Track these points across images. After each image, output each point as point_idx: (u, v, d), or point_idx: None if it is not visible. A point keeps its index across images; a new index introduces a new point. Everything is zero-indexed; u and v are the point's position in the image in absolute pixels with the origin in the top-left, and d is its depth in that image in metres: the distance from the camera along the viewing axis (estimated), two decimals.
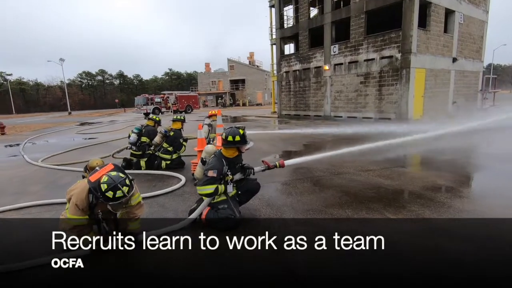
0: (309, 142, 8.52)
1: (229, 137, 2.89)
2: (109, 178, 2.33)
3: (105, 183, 2.30)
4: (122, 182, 2.33)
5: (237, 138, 2.91)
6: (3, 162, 7.39)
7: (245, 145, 2.99)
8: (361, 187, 4.13)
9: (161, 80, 72.64)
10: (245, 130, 3.00)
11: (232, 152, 2.96)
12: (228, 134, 2.92)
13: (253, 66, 45.20)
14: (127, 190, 2.35)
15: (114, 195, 2.29)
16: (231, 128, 2.97)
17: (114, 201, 2.32)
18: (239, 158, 3.08)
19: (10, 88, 55.46)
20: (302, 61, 16.03)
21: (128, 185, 2.36)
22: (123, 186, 2.32)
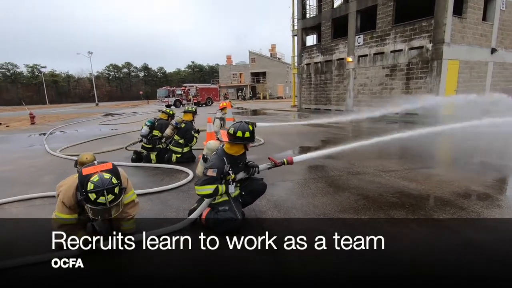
0: (328, 138, 8.09)
1: (239, 133, 2.61)
2: (100, 179, 2.15)
3: (93, 183, 2.13)
4: (110, 190, 2.15)
5: (247, 135, 2.63)
6: (25, 151, 7.62)
7: (252, 142, 2.72)
8: (381, 190, 3.74)
9: (184, 72, 73.64)
10: (254, 126, 2.72)
11: (238, 149, 2.69)
12: (237, 129, 2.63)
13: (275, 59, 44.48)
14: (111, 199, 2.15)
15: (95, 199, 2.11)
16: (240, 123, 2.68)
17: (93, 205, 2.14)
18: (243, 156, 2.81)
19: (44, 80, 58.63)
20: (324, 52, 15.38)
21: (115, 194, 2.17)
22: (108, 193, 2.14)
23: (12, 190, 4.11)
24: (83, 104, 48.89)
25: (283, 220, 2.87)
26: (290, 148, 6.74)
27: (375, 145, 5.34)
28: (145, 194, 3.77)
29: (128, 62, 70.48)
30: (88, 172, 2.18)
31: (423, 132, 4.85)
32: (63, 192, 2.25)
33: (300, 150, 6.58)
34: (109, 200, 2.16)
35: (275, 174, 4.51)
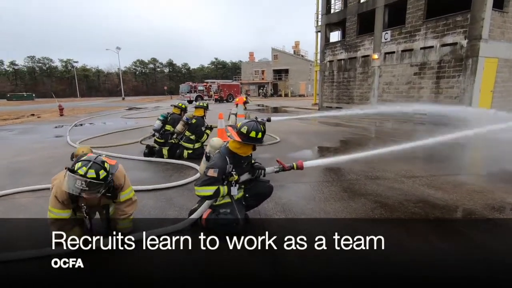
0: (347, 138, 7.70)
1: (252, 133, 2.39)
2: (95, 156, 2.13)
3: (88, 156, 2.11)
4: (96, 166, 2.04)
5: (259, 135, 2.42)
6: (48, 141, 7.89)
7: (259, 144, 2.51)
8: (402, 198, 3.40)
9: (207, 69, 74.56)
10: (264, 125, 2.51)
11: (247, 149, 2.49)
12: (251, 129, 2.40)
13: (298, 56, 43.77)
14: (91, 176, 2.01)
15: (77, 169, 2.03)
16: (253, 122, 2.46)
17: (71, 172, 2.03)
18: (248, 156, 2.60)
19: (76, 74, 61.61)
20: (348, 49, 14.78)
21: (97, 174, 2.04)
22: (92, 168, 2.02)
23: (26, 180, 4.18)
24: (111, 98, 50.88)
25: (284, 220, 2.66)
26: (307, 147, 6.45)
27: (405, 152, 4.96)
28: (150, 191, 3.68)
29: (154, 58, 72.43)
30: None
31: (453, 136, 4.38)
32: (56, 186, 2.17)
33: (318, 150, 6.28)
34: (88, 176, 2.02)
35: (286, 175, 4.27)
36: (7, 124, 12.89)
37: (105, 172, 2.09)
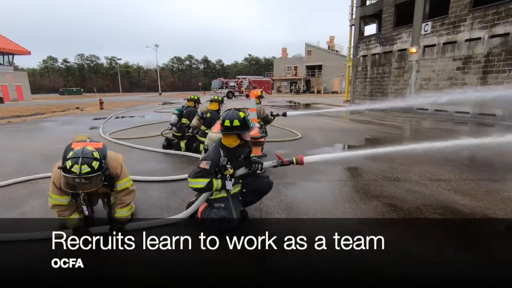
0: (374, 136, 7.25)
1: (226, 121, 2.35)
2: (81, 149, 2.10)
3: (74, 151, 2.09)
4: (87, 160, 2.05)
5: (236, 123, 2.34)
6: (82, 132, 8.45)
7: (247, 132, 2.41)
8: (421, 202, 3.08)
9: (241, 65, 75.25)
10: (247, 113, 2.41)
11: (231, 140, 2.42)
12: (225, 118, 2.38)
13: (332, 51, 42.36)
14: (86, 171, 2.04)
15: (70, 168, 2.02)
16: (229, 111, 2.42)
17: (67, 173, 2.05)
18: (243, 149, 2.51)
19: (119, 70, 65.68)
20: (383, 43, 13.93)
21: (91, 167, 2.06)
22: (84, 164, 2.04)
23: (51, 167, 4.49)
24: (149, 93, 53.56)
25: (285, 220, 2.53)
26: (329, 145, 6.18)
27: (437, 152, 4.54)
28: (159, 182, 3.75)
29: (190, 55, 74.67)
30: (76, 147, 2.14)
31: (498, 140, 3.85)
32: (54, 172, 2.26)
33: (341, 149, 5.98)
34: (83, 172, 2.05)
35: (300, 171, 4.12)
36: (54, 116, 14.10)
37: (98, 161, 2.11)
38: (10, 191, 3.55)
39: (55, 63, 67.62)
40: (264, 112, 5.10)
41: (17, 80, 31.56)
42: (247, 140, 2.45)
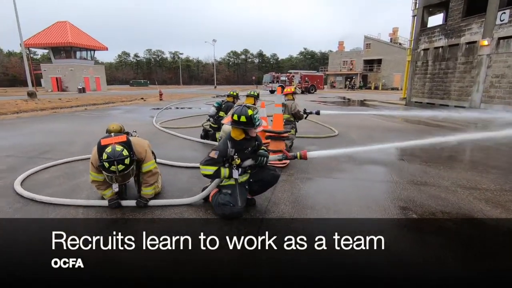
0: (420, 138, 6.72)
1: (235, 116, 2.59)
2: (112, 151, 2.52)
3: (107, 153, 2.51)
4: (120, 161, 2.49)
5: (242, 119, 2.55)
6: (140, 120, 9.53)
7: (252, 129, 2.59)
8: (440, 209, 2.90)
9: (296, 59, 74.33)
10: (255, 112, 2.58)
11: (238, 133, 2.64)
12: (234, 112, 2.61)
13: (394, 44, 39.18)
14: (121, 168, 2.51)
15: (108, 167, 2.49)
16: (240, 106, 2.64)
17: (107, 172, 2.52)
18: (250, 142, 2.70)
19: (180, 64, 70.51)
20: (449, 35, 12.52)
21: (125, 164, 2.51)
22: (118, 164, 2.49)
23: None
24: (205, 86, 56.54)
25: (285, 220, 2.67)
26: (362, 143, 5.97)
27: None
28: (186, 168, 4.17)
29: (246, 49, 76.34)
30: (105, 143, 2.58)
31: None
32: (92, 155, 2.74)
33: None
34: (120, 169, 2.52)
35: (323, 168, 4.17)
36: (122, 105, 16.00)
37: (129, 157, 2.56)
38: (72, 166, 4.31)
39: (127, 57, 75.45)
40: (295, 108, 5.17)
41: (97, 72, 36.22)
42: (252, 136, 2.64)
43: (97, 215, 2.78)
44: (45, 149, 5.34)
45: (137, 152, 2.79)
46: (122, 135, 2.69)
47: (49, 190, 3.40)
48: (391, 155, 5.06)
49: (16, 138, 6.52)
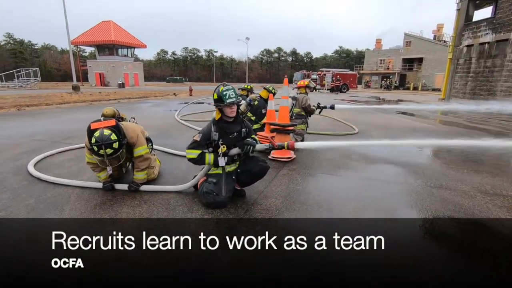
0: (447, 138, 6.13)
1: (214, 95, 2.53)
2: (100, 135, 2.55)
3: (95, 137, 2.55)
4: (108, 145, 2.53)
5: (215, 96, 2.51)
6: (164, 113, 9.86)
7: (226, 107, 2.48)
8: (448, 214, 2.58)
9: (330, 58, 72.49)
10: (228, 87, 2.48)
11: (216, 113, 2.59)
12: (214, 92, 2.55)
13: (438, 42, 36.46)
14: (110, 152, 2.54)
15: (97, 151, 2.54)
16: (217, 87, 2.56)
17: (96, 155, 2.57)
18: (235, 126, 2.61)
19: (215, 62, 72.14)
20: (497, 29, 11.32)
21: (113, 148, 2.54)
22: (107, 148, 2.52)
23: None
24: (238, 83, 57.21)
25: (285, 220, 2.54)
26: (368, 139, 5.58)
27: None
28: None
29: (280, 47, 75.92)
30: (94, 127, 2.63)
31: None
32: (86, 139, 2.82)
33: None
34: (108, 153, 2.56)
35: (330, 165, 3.97)
36: (153, 99, 16.74)
37: (117, 142, 2.59)
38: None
39: (165, 55, 78.84)
40: (306, 101, 4.97)
41: (135, 69, 38.26)
42: (230, 115, 2.53)
43: (89, 196, 2.87)
44: (69, 135, 5.69)
45: (129, 137, 2.83)
46: (111, 120, 2.73)
47: (58, 171, 3.59)
48: (410, 155, 4.66)
49: (49, 125, 7.05)
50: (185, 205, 2.68)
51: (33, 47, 64.86)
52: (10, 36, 60.44)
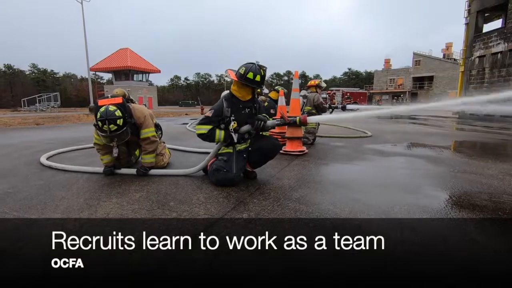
0: (464, 140, 5.88)
1: (250, 74, 2.41)
2: (105, 110, 2.53)
3: (100, 113, 2.52)
4: (112, 120, 2.49)
5: (257, 78, 2.43)
6: (176, 125, 9.98)
7: (258, 88, 2.45)
8: (477, 191, 2.38)
9: (339, 80, 73.21)
10: (265, 71, 2.45)
11: (245, 93, 2.52)
12: (249, 70, 2.41)
13: (448, 60, 36.46)
14: (113, 128, 2.50)
15: (101, 127, 2.51)
16: (252, 64, 2.45)
17: (100, 131, 2.53)
18: (248, 103, 2.56)
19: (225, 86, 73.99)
20: (509, 38, 11.23)
21: (117, 125, 2.51)
22: (110, 123, 2.49)
23: None
24: None
25: (286, 220, 2.40)
26: (395, 142, 5.39)
27: None
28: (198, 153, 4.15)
29: (289, 70, 77.53)
30: (101, 103, 2.63)
31: None
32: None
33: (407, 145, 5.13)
34: (112, 129, 2.52)
35: (342, 156, 3.83)
36: (167, 117, 17.12)
37: (121, 119, 2.55)
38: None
39: (178, 81, 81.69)
40: (318, 99, 4.92)
41: (150, 93, 39.61)
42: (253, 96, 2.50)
43: (98, 178, 2.81)
44: (82, 140, 5.77)
45: (136, 117, 2.82)
46: (119, 97, 2.73)
47: (67, 163, 3.59)
48: (429, 151, 4.47)
49: (64, 134, 7.22)
50: (193, 184, 2.59)
51: (55, 75, 68.58)
52: (34, 66, 64.37)
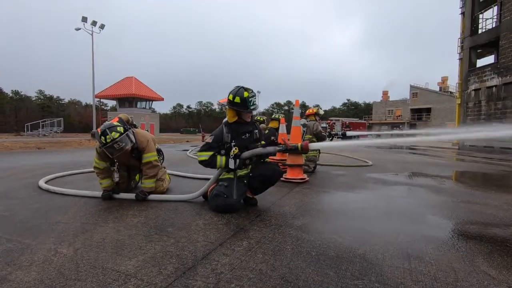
0: (465, 170, 5.85)
1: (230, 96, 2.51)
2: (104, 125, 2.61)
3: (101, 129, 2.60)
4: (112, 129, 2.54)
5: (237, 100, 2.47)
6: (177, 152, 9.99)
7: (246, 112, 2.48)
8: (483, 221, 2.32)
9: (338, 110, 74.57)
10: (252, 93, 2.50)
11: (231, 115, 2.55)
12: (231, 92, 2.52)
13: (444, 93, 37.40)
14: (116, 136, 2.52)
15: (105, 140, 2.53)
16: (237, 87, 2.54)
17: (105, 145, 2.55)
18: (247, 127, 2.59)
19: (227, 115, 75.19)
20: (502, 73, 11.61)
21: (118, 132, 2.54)
22: (111, 132, 2.53)
23: None
24: None
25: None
26: (400, 171, 5.37)
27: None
28: (198, 179, 4.12)
29: (289, 100, 79.26)
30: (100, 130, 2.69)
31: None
32: (96, 144, 2.85)
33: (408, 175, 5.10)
34: (114, 137, 2.54)
35: (343, 185, 3.79)
36: (168, 143, 17.22)
37: (121, 127, 2.63)
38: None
39: (181, 108, 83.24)
40: (317, 128, 4.98)
41: (152, 120, 40.16)
42: (246, 120, 2.53)
43: (96, 202, 2.77)
44: (82, 164, 5.76)
45: (139, 141, 2.85)
46: (115, 118, 2.81)
47: (66, 187, 3.55)
48: (429, 179, 4.44)
49: (64, 158, 7.22)
50: (193, 210, 2.54)
51: (60, 102, 70.07)
52: (41, 93, 66.01)
